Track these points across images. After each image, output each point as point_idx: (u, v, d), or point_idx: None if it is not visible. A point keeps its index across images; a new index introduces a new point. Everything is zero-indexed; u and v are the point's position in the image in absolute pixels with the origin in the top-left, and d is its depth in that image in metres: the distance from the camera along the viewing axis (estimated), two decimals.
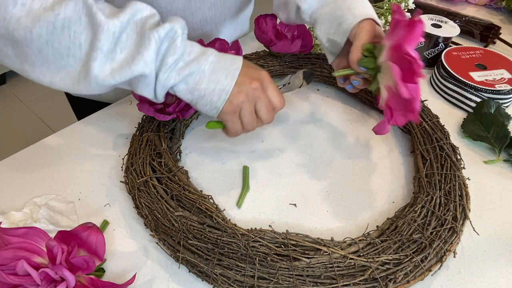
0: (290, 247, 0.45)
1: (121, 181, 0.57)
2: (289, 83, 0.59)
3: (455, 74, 0.71)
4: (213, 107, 0.49)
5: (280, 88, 0.59)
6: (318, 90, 0.75)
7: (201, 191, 0.53)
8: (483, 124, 0.64)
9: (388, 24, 0.85)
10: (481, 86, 0.68)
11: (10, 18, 0.41)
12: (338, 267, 0.44)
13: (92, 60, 0.43)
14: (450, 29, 0.78)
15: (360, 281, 0.44)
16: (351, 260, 0.44)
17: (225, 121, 0.51)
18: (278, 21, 0.74)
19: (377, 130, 0.53)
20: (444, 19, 0.81)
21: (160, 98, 0.49)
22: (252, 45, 0.84)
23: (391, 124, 0.49)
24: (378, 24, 0.54)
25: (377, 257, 0.44)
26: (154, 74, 0.46)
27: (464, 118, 0.67)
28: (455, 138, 0.66)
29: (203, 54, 0.48)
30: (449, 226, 0.48)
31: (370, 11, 0.54)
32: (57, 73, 0.45)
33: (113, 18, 0.43)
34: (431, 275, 0.47)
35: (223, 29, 0.77)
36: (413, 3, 0.85)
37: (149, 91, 0.48)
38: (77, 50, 0.43)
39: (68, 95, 0.85)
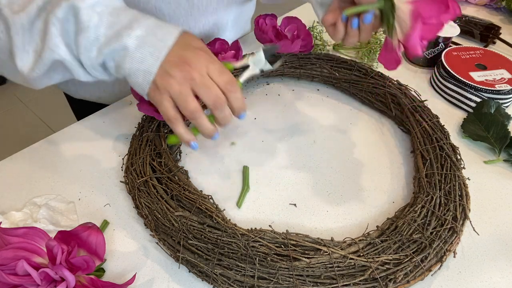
0: (290, 247, 0.45)
1: (121, 181, 0.57)
2: (248, 66, 0.50)
3: (455, 74, 0.71)
4: (140, 88, 0.44)
5: (238, 74, 0.51)
6: (318, 90, 0.75)
7: (201, 191, 0.53)
8: (483, 124, 0.64)
9: None
10: (481, 86, 0.68)
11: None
12: (338, 267, 0.44)
13: (14, 57, 0.43)
14: (450, 29, 0.78)
15: (360, 281, 0.44)
16: (351, 260, 0.44)
17: (155, 104, 0.45)
18: (278, 21, 0.74)
19: (411, 47, 0.45)
20: None
21: (102, 76, 0.46)
22: (252, 45, 0.84)
23: (423, 39, 0.44)
24: None
25: (377, 257, 0.44)
26: (72, 57, 0.43)
27: (464, 118, 0.67)
28: (455, 138, 0.66)
29: (129, 28, 0.42)
30: (449, 226, 0.48)
31: None
32: (9, 73, 0.46)
33: (19, 12, 0.41)
34: (431, 275, 0.47)
35: (225, 32, 0.77)
36: None
37: (83, 73, 0.45)
38: (3, 49, 0.43)
39: (68, 96, 0.85)
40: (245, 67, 0.50)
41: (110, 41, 0.42)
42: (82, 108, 0.82)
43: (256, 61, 0.50)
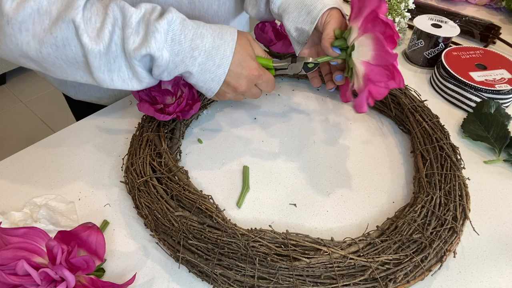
0: (290, 247, 0.45)
1: (121, 181, 0.57)
2: (286, 69, 0.59)
3: (455, 74, 0.71)
4: (202, 93, 0.58)
5: (276, 69, 0.60)
6: (318, 90, 0.75)
7: (201, 191, 0.53)
8: (483, 124, 0.64)
9: None
10: (481, 86, 0.68)
11: (21, 44, 0.47)
12: (338, 267, 0.44)
13: (92, 71, 0.50)
14: (450, 29, 0.78)
15: (360, 281, 0.44)
16: (351, 260, 0.44)
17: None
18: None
19: (357, 105, 0.51)
20: (444, 19, 0.81)
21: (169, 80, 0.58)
22: None
23: (371, 99, 0.50)
24: (343, 15, 0.58)
25: (377, 257, 0.44)
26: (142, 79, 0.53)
27: (464, 118, 0.67)
28: (455, 138, 0.66)
29: (191, 56, 0.51)
30: (449, 226, 0.48)
31: (337, 1, 0.58)
32: (75, 74, 0.52)
33: (97, 41, 0.47)
34: (431, 275, 0.47)
35: None
36: (413, 3, 0.86)
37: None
38: (80, 61, 0.50)
39: (67, 98, 0.85)
40: (282, 68, 0.59)
41: (177, 67, 0.52)
42: (82, 109, 0.82)
43: (294, 67, 0.59)
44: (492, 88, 0.68)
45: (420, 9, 0.97)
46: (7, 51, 0.49)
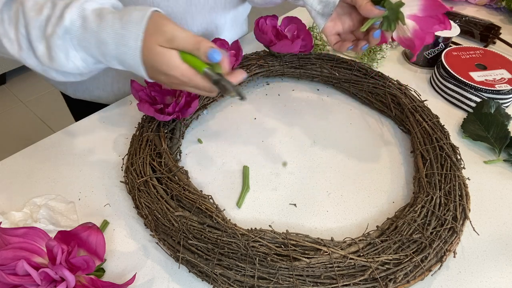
0: (290, 247, 0.45)
1: (121, 181, 0.57)
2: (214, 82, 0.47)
3: (455, 74, 0.71)
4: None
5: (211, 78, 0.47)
6: (318, 90, 0.75)
7: (201, 191, 0.53)
8: (483, 124, 0.64)
9: None
10: (481, 86, 0.68)
11: (12, 55, 0.49)
12: (338, 267, 0.44)
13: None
14: (450, 29, 0.78)
15: (360, 281, 0.44)
16: (351, 260, 0.44)
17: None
18: (278, 21, 0.74)
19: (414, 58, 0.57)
20: None
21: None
22: (252, 45, 0.84)
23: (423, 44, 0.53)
24: None
25: (377, 257, 0.44)
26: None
27: (464, 118, 0.67)
28: (455, 138, 0.66)
29: (104, 60, 0.48)
30: (449, 226, 0.48)
31: None
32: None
33: (14, 45, 0.48)
34: (431, 275, 0.47)
35: (224, 32, 0.77)
36: None
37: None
38: (15, 58, 0.49)
39: (66, 97, 0.84)
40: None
41: (98, 65, 0.50)
42: (80, 108, 0.82)
43: (219, 88, 0.47)
44: (492, 88, 0.68)
45: None
46: None
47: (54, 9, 0.46)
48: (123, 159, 0.60)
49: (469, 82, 0.69)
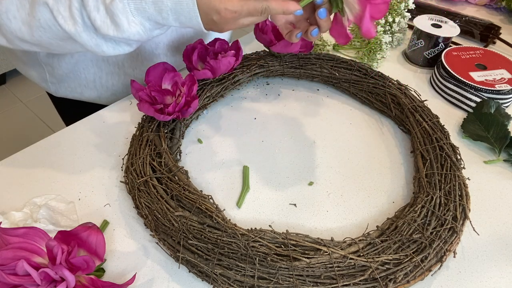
0: (290, 247, 0.45)
1: (121, 181, 0.57)
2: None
3: (455, 74, 0.71)
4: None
5: None
6: (318, 90, 0.75)
7: (201, 191, 0.53)
8: (483, 124, 0.64)
9: (388, 24, 0.85)
10: (481, 86, 0.68)
11: (15, 31, 0.49)
12: (338, 267, 0.44)
13: (84, 45, 0.51)
14: (450, 29, 0.78)
15: (360, 281, 0.44)
16: (351, 260, 0.44)
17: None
18: None
19: (365, 32, 0.47)
20: (444, 19, 0.81)
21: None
22: (252, 45, 0.84)
23: (373, 20, 0.47)
24: None
25: (377, 257, 0.44)
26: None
27: (464, 118, 0.67)
28: (455, 138, 0.66)
29: (161, 18, 0.49)
30: (449, 226, 0.48)
31: None
32: (76, 47, 0.53)
33: (72, 21, 0.48)
34: (431, 275, 0.47)
35: (212, 33, 0.78)
36: (413, 3, 0.86)
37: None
38: (69, 37, 0.50)
39: (50, 95, 0.83)
40: None
41: (153, 30, 0.51)
42: (66, 107, 0.82)
43: None
44: (492, 88, 0.68)
45: (420, 9, 0.97)
46: (8, 40, 0.50)
47: None
48: (123, 159, 0.60)
49: (469, 82, 0.69)
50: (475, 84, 0.69)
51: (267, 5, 0.47)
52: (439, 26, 0.79)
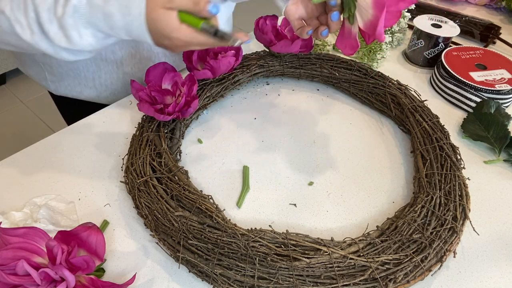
0: (290, 247, 0.45)
1: (121, 181, 0.57)
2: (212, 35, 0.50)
3: (455, 74, 0.71)
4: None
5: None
6: (318, 90, 0.75)
7: (201, 191, 0.53)
8: (483, 124, 0.64)
9: None
10: (481, 86, 0.68)
11: (25, 41, 0.50)
12: (338, 267, 0.44)
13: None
14: (450, 29, 0.78)
15: (360, 281, 0.44)
16: (351, 260, 0.44)
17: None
18: (278, 21, 0.74)
19: (378, 35, 0.48)
20: (444, 19, 0.81)
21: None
22: (252, 45, 0.84)
23: (385, 27, 0.48)
24: None
25: (377, 257, 0.44)
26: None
27: (464, 118, 0.67)
28: (455, 138, 0.66)
29: (113, 33, 0.50)
30: (449, 226, 0.48)
31: None
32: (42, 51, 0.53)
33: (28, 31, 0.50)
34: (431, 275, 0.47)
35: None
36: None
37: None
38: (28, 43, 0.51)
39: (51, 93, 0.84)
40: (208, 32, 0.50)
41: (108, 39, 0.52)
42: (65, 105, 0.82)
43: (220, 41, 0.49)
44: (492, 88, 0.68)
45: (420, 9, 0.97)
46: None
47: None
48: (123, 159, 0.60)
49: (469, 82, 0.69)
50: (475, 84, 0.69)
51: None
52: (439, 26, 0.79)
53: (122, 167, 0.59)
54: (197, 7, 0.48)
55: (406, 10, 0.87)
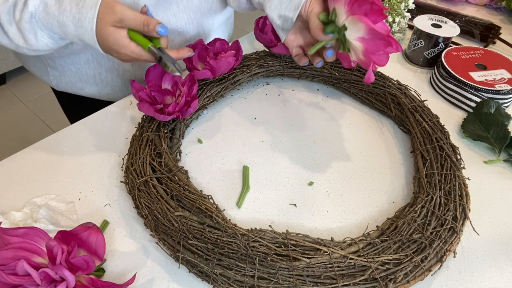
0: (290, 247, 0.45)
1: (121, 181, 0.57)
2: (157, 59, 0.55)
3: (455, 74, 0.71)
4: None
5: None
6: (318, 90, 0.75)
7: (201, 191, 0.53)
8: (483, 124, 0.64)
9: (388, 24, 0.85)
10: (481, 86, 0.68)
11: None
12: (338, 267, 0.44)
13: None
14: (450, 29, 0.78)
15: (360, 281, 0.44)
16: (351, 260, 0.44)
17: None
18: None
19: (367, 79, 0.53)
20: (444, 19, 0.81)
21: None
22: (252, 45, 0.84)
23: (375, 67, 0.52)
24: None
25: (377, 257, 0.44)
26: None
27: (464, 118, 0.67)
28: (455, 138, 0.66)
29: (66, 38, 0.55)
30: (449, 226, 0.48)
31: None
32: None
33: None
34: (431, 275, 0.47)
35: (211, 33, 0.78)
36: (413, 3, 0.86)
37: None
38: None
39: (53, 89, 0.84)
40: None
41: (62, 40, 0.57)
42: (67, 100, 0.83)
43: (163, 65, 0.55)
44: (492, 88, 0.68)
45: (420, 9, 0.97)
46: None
47: None
48: (123, 159, 0.60)
49: (469, 82, 0.69)
50: (475, 84, 0.69)
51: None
52: (439, 26, 0.79)
53: (122, 167, 0.59)
54: (146, 28, 0.52)
55: (406, 10, 0.87)
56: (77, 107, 0.79)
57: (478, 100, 0.68)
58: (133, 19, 0.52)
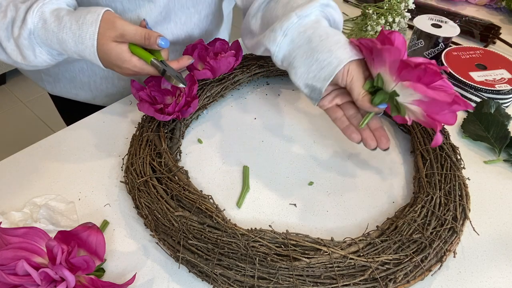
0: (290, 247, 0.45)
1: (121, 181, 0.57)
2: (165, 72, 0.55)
3: (455, 74, 0.71)
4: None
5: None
6: None
7: (201, 191, 0.53)
8: (483, 124, 0.64)
9: (388, 24, 0.85)
10: (481, 86, 0.68)
11: None
12: (338, 267, 0.44)
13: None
14: (450, 29, 0.78)
15: (360, 281, 0.44)
16: (351, 260, 0.44)
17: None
18: None
19: (435, 143, 0.47)
20: (444, 19, 0.81)
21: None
22: None
23: (441, 125, 0.47)
24: (363, 61, 0.51)
25: (377, 257, 0.44)
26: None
27: (464, 118, 0.67)
28: (455, 138, 0.66)
29: (66, 54, 0.55)
30: (449, 226, 0.48)
31: (351, 52, 0.50)
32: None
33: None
34: (431, 275, 0.47)
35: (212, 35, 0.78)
36: (413, 3, 0.86)
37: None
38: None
39: (55, 101, 0.84)
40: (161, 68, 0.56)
41: (60, 56, 0.57)
42: (63, 105, 0.83)
43: (166, 77, 0.56)
44: (492, 88, 0.68)
45: (420, 9, 0.97)
46: None
47: (17, 11, 0.52)
48: (123, 159, 0.60)
49: (469, 82, 0.69)
50: (475, 84, 0.69)
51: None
52: (439, 26, 0.79)
53: (122, 167, 0.59)
54: (148, 41, 0.53)
55: (406, 10, 0.87)
56: (73, 111, 0.79)
57: (478, 100, 0.68)
58: (134, 34, 0.52)
